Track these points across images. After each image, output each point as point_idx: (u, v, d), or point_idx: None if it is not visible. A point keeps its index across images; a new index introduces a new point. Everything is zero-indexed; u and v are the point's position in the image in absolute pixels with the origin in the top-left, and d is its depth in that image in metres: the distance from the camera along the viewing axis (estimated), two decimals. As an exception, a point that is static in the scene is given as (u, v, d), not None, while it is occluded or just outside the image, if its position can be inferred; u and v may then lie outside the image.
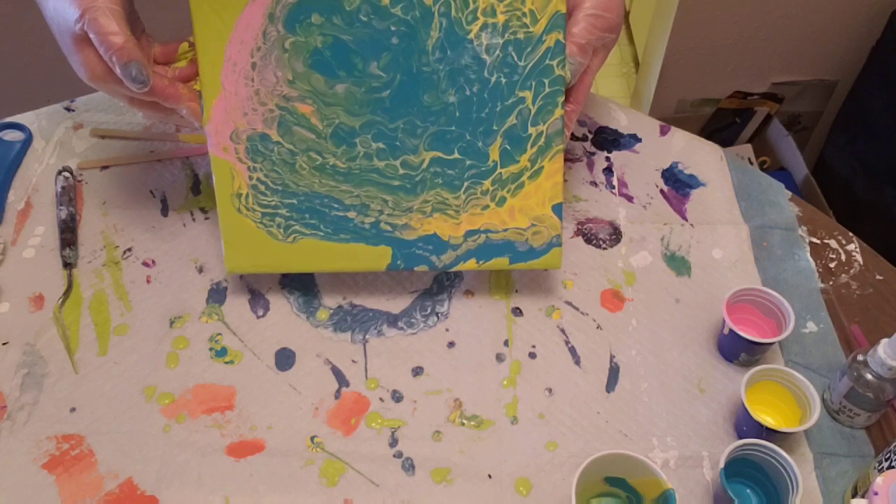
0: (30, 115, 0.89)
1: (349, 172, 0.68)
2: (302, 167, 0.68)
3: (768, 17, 1.52)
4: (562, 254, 0.71)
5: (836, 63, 1.61)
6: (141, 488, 0.63)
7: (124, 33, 0.57)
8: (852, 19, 1.53)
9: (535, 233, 0.70)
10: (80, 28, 0.57)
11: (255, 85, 0.66)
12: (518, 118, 0.67)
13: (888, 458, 0.60)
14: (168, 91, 0.63)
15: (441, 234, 0.70)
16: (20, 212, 0.80)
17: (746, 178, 0.87)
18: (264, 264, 0.71)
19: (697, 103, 1.71)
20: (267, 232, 0.70)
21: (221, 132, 0.67)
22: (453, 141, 0.67)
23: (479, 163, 0.68)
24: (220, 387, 0.69)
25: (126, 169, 0.84)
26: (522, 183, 0.69)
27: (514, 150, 0.68)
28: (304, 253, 0.70)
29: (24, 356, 0.70)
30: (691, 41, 1.56)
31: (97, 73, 0.60)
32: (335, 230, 0.69)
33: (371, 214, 0.69)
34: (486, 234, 0.70)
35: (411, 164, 0.68)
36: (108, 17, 0.57)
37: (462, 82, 0.66)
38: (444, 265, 0.71)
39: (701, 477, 0.65)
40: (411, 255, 0.70)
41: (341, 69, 0.65)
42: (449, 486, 0.64)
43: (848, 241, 0.82)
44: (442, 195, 0.69)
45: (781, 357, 0.72)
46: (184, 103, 0.64)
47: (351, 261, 0.70)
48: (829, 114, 1.70)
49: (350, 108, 0.66)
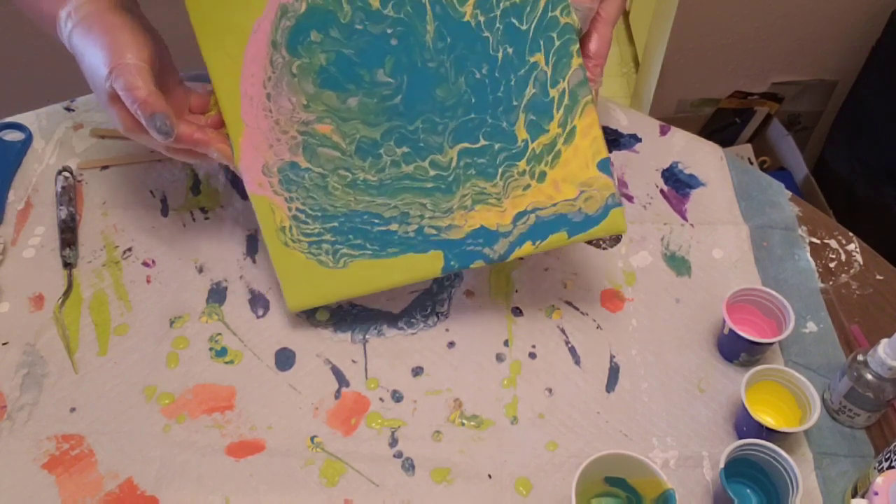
0: (30, 115, 0.89)
1: (381, 184, 0.66)
2: (335, 188, 0.67)
3: (768, 17, 1.52)
4: (624, 214, 0.66)
5: (836, 63, 1.61)
6: (141, 488, 0.63)
7: (148, 88, 0.60)
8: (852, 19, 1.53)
9: (586, 199, 0.65)
10: (109, 85, 0.60)
11: (273, 115, 0.66)
12: (536, 85, 0.63)
13: (888, 458, 0.60)
14: (196, 137, 0.65)
15: (488, 225, 0.67)
16: (20, 212, 0.80)
17: (746, 178, 0.87)
18: (322, 295, 0.70)
19: (697, 103, 1.71)
20: (317, 261, 0.68)
21: (253, 168, 0.67)
22: (476, 128, 0.65)
23: (508, 144, 0.65)
24: (220, 387, 0.69)
25: (126, 169, 0.84)
26: (559, 151, 0.65)
27: (542, 119, 0.64)
28: (357, 276, 0.68)
29: (24, 356, 0.70)
30: (691, 41, 1.56)
31: (129, 125, 0.63)
32: (382, 245, 0.68)
33: (413, 222, 0.67)
34: (534, 213, 0.66)
35: (440, 164, 0.66)
36: (134, 73, 0.60)
37: (470, 66, 0.63)
38: (500, 255, 0.67)
39: (701, 477, 0.65)
40: (463, 253, 0.67)
41: (350, 83, 0.65)
42: (449, 486, 0.64)
43: (848, 241, 0.82)
44: (479, 185, 0.66)
45: (781, 357, 0.72)
46: (213, 146, 0.66)
47: (405, 273, 0.68)
48: (829, 114, 1.70)
49: (367, 120, 0.65)
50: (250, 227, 0.80)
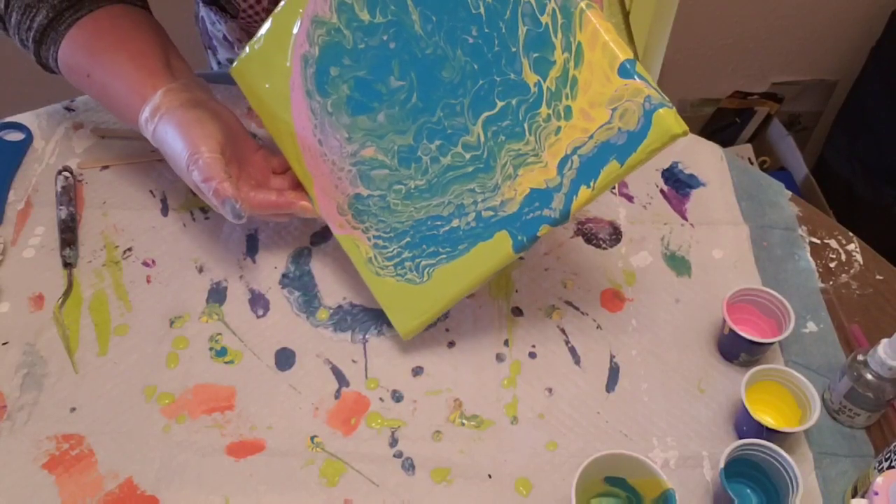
0: (30, 115, 0.89)
1: (430, 185, 0.66)
2: (395, 204, 0.68)
3: (768, 17, 1.52)
4: (674, 114, 0.55)
5: (836, 63, 1.62)
6: (141, 488, 0.63)
7: (219, 176, 0.65)
8: (852, 19, 1.53)
9: (622, 115, 0.56)
10: (191, 176, 0.66)
11: (328, 158, 0.70)
12: (526, 21, 0.58)
13: (888, 458, 0.60)
14: (279, 202, 0.71)
15: (537, 186, 0.61)
16: (20, 212, 0.80)
17: (746, 178, 0.87)
18: (424, 312, 0.69)
19: (697, 103, 1.71)
20: (406, 282, 0.69)
21: (331, 212, 0.72)
22: (489, 93, 0.61)
23: (523, 96, 0.60)
24: (220, 387, 0.69)
25: (126, 169, 0.84)
26: (574, 77, 0.58)
27: (545, 52, 0.58)
28: (444, 283, 0.68)
29: (24, 356, 0.70)
30: (691, 41, 1.56)
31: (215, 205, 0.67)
32: (452, 245, 0.67)
33: (469, 211, 0.65)
34: (575, 154, 0.59)
35: (471, 144, 0.64)
36: (206, 165, 0.65)
37: (461, 35, 0.61)
38: (561, 212, 0.61)
39: (701, 477, 0.65)
40: (525, 224, 0.63)
41: (373, 101, 0.66)
42: (449, 486, 0.64)
43: (848, 241, 0.82)
44: (513, 149, 0.62)
45: (781, 357, 0.72)
46: (295, 206, 0.71)
47: (483, 265, 0.66)
48: (829, 114, 1.70)
49: (398, 128, 0.66)
50: (250, 227, 0.80)
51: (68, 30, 0.70)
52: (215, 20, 0.95)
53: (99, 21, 0.71)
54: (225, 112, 0.71)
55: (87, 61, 0.71)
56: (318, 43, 0.67)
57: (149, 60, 0.70)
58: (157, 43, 0.72)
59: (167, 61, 0.71)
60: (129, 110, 0.70)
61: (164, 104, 0.67)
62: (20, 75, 1.41)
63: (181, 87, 0.69)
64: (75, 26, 0.70)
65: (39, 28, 0.70)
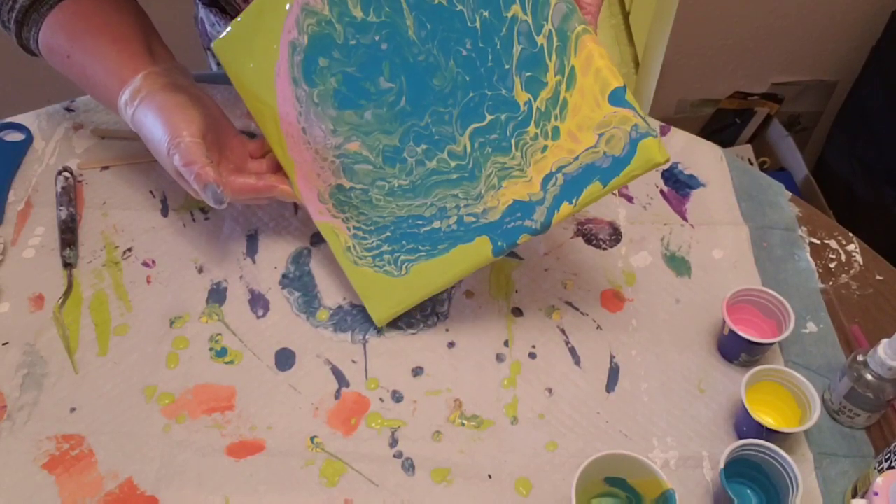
0: (30, 115, 0.89)
1: (414, 186, 0.67)
2: (378, 199, 0.69)
3: (768, 17, 1.52)
4: (658, 143, 0.57)
5: (836, 63, 1.61)
6: (141, 488, 0.63)
7: (200, 161, 0.64)
8: (852, 19, 1.53)
9: (608, 140, 0.58)
10: (172, 160, 0.66)
11: (312, 146, 0.70)
12: (521, 40, 0.59)
13: (888, 458, 0.60)
14: (259, 186, 0.71)
15: (520, 198, 0.63)
16: (20, 212, 0.80)
17: (746, 178, 0.87)
18: (398, 302, 0.71)
19: (697, 103, 1.71)
20: (384, 273, 0.70)
21: (311, 199, 0.72)
22: (478, 105, 0.62)
23: (513, 112, 0.61)
24: (220, 387, 0.69)
25: (126, 169, 0.84)
26: (564, 100, 0.59)
27: (537, 73, 0.59)
28: (420, 278, 0.69)
29: (24, 356, 0.70)
30: (691, 41, 1.56)
31: (196, 193, 0.67)
32: (432, 244, 0.68)
33: (451, 214, 0.67)
34: (560, 173, 0.61)
35: (457, 154, 0.65)
36: (188, 149, 0.64)
37: (455, 46, 0.62)
38: (542, 223, 0.63)
39: (701, 477, 0.65)
40: (506, 231, 0.65)
41: (361, 98, 0.66)
42: (449, 487, 0.64)
43: (848, 242, 0.82)
44: (499, 162, 0.63)
45: (781, 357, 0.72)
46: (276, 190, 0.71)
47: (460, 265, 0.68)
48: (829, 114, 1.70)
49: (384, 128, 0.66)
50: (250, 228, 0.80)
51: (50, 11, 0.70)
52: (215, 21, 0.95)
53: (81, 4, 0.70)
54: (205, 97, 0.70)
55: (67, 43, 0.70)
56: (308, 32, 0.66)
57: (130, 44, 0.69)
58: (139, 27, 0.71)
59: (149, 46, 0.70)
60: (108, 92, 0.69)
61: (144, 87, 0.67)
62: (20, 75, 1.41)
63: (162, 72, 0.68)
64: (57, 8, 0.70)
65: (21, 9, 0.70)
